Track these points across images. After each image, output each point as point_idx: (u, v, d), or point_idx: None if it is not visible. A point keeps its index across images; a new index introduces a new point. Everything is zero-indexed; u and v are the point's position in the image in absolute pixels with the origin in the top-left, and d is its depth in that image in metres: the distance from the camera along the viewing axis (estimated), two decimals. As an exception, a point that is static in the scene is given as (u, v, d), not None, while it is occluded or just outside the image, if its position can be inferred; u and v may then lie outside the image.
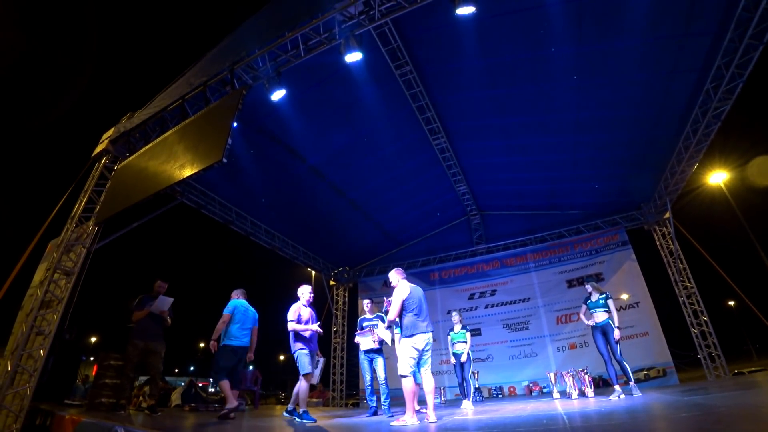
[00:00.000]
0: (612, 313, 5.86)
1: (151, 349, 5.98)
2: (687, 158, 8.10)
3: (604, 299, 5.97)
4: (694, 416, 3.27)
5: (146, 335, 5.98)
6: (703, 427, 2.70)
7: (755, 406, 3.47)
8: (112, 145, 7.30)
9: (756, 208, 26.97)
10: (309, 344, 5.18)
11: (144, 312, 6.07)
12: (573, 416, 3.78)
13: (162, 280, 6.46)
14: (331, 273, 13.42)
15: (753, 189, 19.58)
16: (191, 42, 61.68)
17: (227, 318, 5.42)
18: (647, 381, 9.11)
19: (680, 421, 3.13)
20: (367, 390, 6.42)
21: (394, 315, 4.34)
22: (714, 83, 6.57)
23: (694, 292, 9.50)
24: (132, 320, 6.10)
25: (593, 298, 6.12)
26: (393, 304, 4.36)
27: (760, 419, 2.73)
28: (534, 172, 9.91)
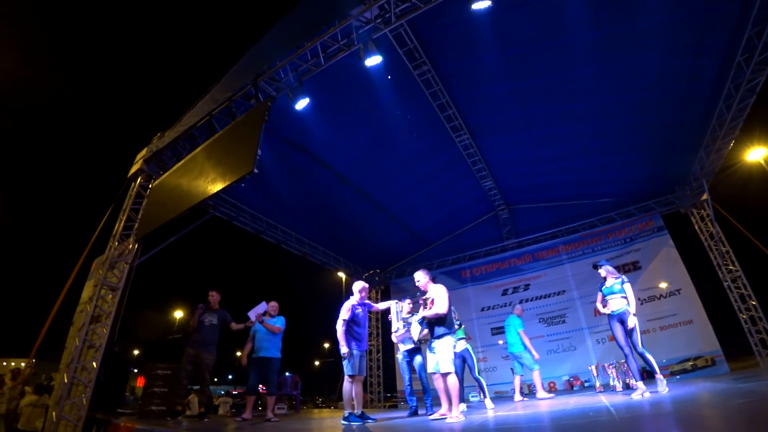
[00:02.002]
0: (629, 299, 5.10)
1: (202, 358, 6.16)
2: (722, 135, 7.75)
3: (620, 284, 5.22)
4: (749, 402, 3.14)
5: (198, 345, 6.16)
6: (759, 414, 2.58)
7: None
8: (145, 164, 7.63)
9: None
10: (360, 344, 5.06)
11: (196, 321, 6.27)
12: (620, 407, 3.69)
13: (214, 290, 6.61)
14: (363, 276, 13.52)
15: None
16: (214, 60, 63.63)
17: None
18: (695, 371, 8.76)
19: (735, 408, 2.99)
20: (406, 390, 6.43)
21: (446, 308, 4.39)
22: (745, 55, 6.29)
23: (740, 275, 9.08)
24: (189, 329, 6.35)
25: (608, 283, 5.38)
26: (442, 299, 4.42)
27: None
28: (560, 162, 9.71)
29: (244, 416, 5.82)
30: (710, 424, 2.57)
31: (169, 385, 6.59)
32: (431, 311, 4.41)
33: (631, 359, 4.96)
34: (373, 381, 12.74)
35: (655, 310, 9.59)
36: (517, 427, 3.20)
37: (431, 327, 4.49)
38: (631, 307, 4.96)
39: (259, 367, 5.78)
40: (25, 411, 7.70)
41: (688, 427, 2.51)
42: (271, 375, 5.82)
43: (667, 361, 9.03)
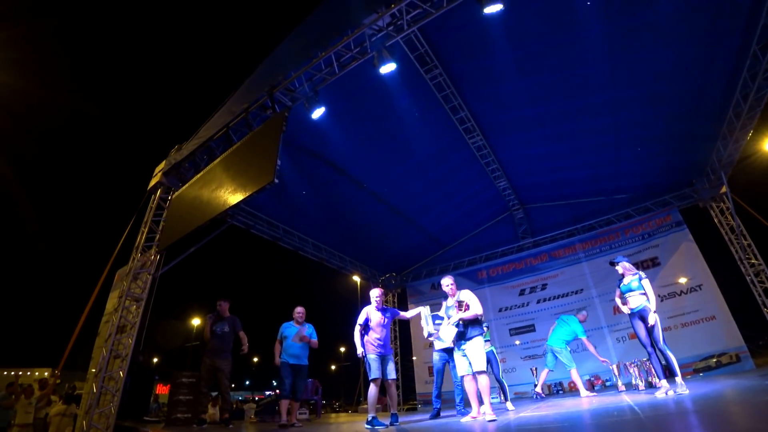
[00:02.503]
0: (649, 295, 4.91)
1: (217, 366, 6.27)
2: (740, 127, 7.63)
3: (638, 281, 5.03)
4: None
5: (212, 353, 6.30)
6: None
7: None
8: (165, 177, 7.78)
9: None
10: (377, 348, 5.05)
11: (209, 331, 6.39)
12: (644, 406, 3.67)
13: (222, 299, 6.76)
14: (379, 280, 13.58)
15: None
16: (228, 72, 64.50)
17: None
18: (719, 368, 8.61)
19: (761, 405, 2.97)
20: (435, 392, 6.45)
21: (481, 310, 4.63)
22: (761, 43, 6.16)
23: (763, 269, 8.91)
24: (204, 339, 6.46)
25: (625, 280, 5.19)
26: (476, 301, 4.66)
27: None
28: (575, 158, 9.65)
29: (281, 422, 5.78)
30: (737, 421, 2.55)
31: (194, 393, 6.71)
32: (469, 313, 4.52)
33: (654, 357, 4.87)
34: (392, 384, 12.75)
35: (676, 307, 9.47)
36: (544, 427, 3.22)
37: (465, 329, 4.53)
38: (651, 304, 4.82)
39: (293, 374, 5.84)
40: (54, 420, 7.90)
41: (716, 425, 2.49)
42: (301, 382, 5.93)
43: (691, 358, 8.92)
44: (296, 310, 6.21)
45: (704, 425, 2.48)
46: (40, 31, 29.55)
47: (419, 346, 12.89)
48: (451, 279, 5.02)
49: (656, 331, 4.73)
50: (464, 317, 4.53)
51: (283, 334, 5.99)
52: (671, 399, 4.07)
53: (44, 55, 31.95)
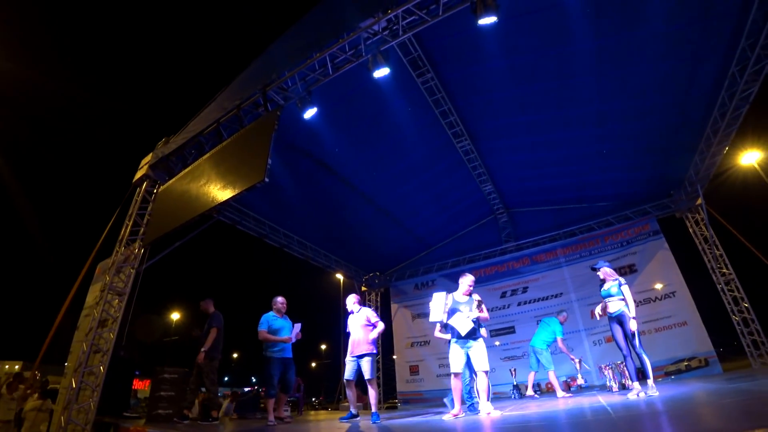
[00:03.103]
0: (628, 301, 5.01)
1: (197, 362, 6.27)
2: (716, 143, 8.00)
3: (617, 286, 5.12)
4: (740, 401, 3.28)
5: (197, 351, 6.29)
6: (751, 411, 2.73)
7: None
8: (151, 170, 7.69)
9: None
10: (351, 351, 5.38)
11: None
12: (616, 407, 3.84)
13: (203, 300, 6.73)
14: (363, 279, 13.65)
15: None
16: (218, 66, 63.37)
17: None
18: (689, 371, 8.97)
19: (726, 406, 3.13)
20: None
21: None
22: (739, 66, 6.51)
23: (733, 278, 9.30)
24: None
25: (606, 285, 5.26)
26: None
27: None
28: (560, 166, 9.90)
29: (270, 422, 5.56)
30: (704, 421, 2.71)
31: (176, 389, 6.67)
32: (484, 314, 4.85)
33: (629, 360, 4.99)
34: (373, 383, 12.84)
35: (651, 312, 9.81)
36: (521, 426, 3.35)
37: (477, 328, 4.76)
38: (631, 310, 4.92)
39: (282, 368, 5.62)
40: (29, 415, 7.72)
41: (684, 425, 2.64)
42: (291, 375, 5.74)
43: (663, 361, 9.26)
44: (278, 300, 5.94)
45: (673, 425, 2.63)
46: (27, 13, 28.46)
47: (401, 346, 13.02)
48: (473, 278, 5.15)
49: (635, 335, 4.86)
50: (482, 317, 4.79)
51: (272, 328, 5.68)
52: (642, 400, 4.24)
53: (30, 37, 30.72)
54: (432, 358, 12.27)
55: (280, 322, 5.79)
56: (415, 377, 12.42)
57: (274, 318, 5.81)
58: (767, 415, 2.40)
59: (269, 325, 5.71)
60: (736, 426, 2.31)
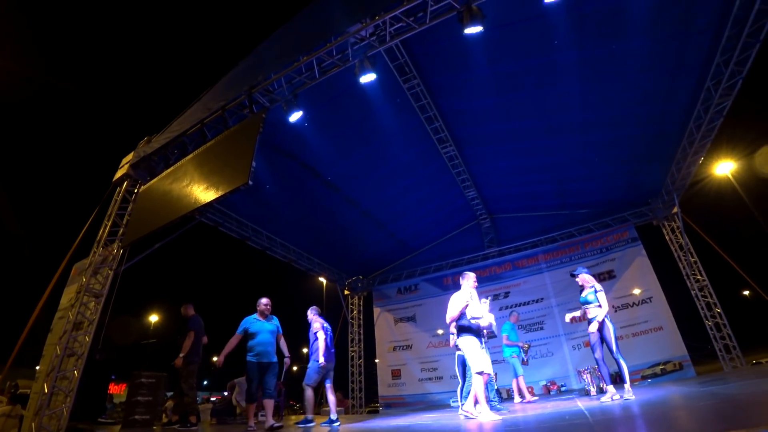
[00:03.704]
0: (602, 305, 5.06)
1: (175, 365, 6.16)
2: (692, 153, 8.29)
3: (593, 293, 5.18)
4: (712, 404, 3.39)
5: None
6: (722, 414, 2.83)
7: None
8: (132, 169, 7.55)
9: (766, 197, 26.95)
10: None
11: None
12: (593, 411, 3.93)
13: (186, 302, 6.61)
14: (346, 282, 13.61)
15: (763, 178, 19.60)
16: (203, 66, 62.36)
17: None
18: (664, 375, 9.21)
19: (699, 410, 3.24)
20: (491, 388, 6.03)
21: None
22: (714, 80, 6.77)
23: (707, 284, 9.60)
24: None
25: (583, 293, 5.32)
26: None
27: None
28: (543, 173, 10.08)
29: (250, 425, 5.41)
30: (679, 424, 2.81)
31: (154, 394, 6.55)
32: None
33: (602, 364, 5.05)
34: (354, 387, 12.80)
35: (629, 317, 10.04)
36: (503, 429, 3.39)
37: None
38: (600, 313, 5.00)
39: (261, 373, 5.35)
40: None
41: (660, 428, 2.73)
42: (271, 378, 5.41)
43: (639, 365, 9.49)
44: (261, 302, 5.65)
45: (649, 428, 2.72)
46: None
47: (383, 350, 13.01)
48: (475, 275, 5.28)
49: (609, 340, 4.93)
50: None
51: (249, 331, 5.42)
52: (619, 404, 4.34)
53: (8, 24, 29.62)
54: (414, 363, 12.29)
55: (259, 324, 5.50)
56: (397, 381, 12.42)
57: (254, 321, 5.54)
58: (738, 418, 2.49)
59: (245, 328, 5.47)
60: (709, 428, 2.39)
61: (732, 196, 13.07)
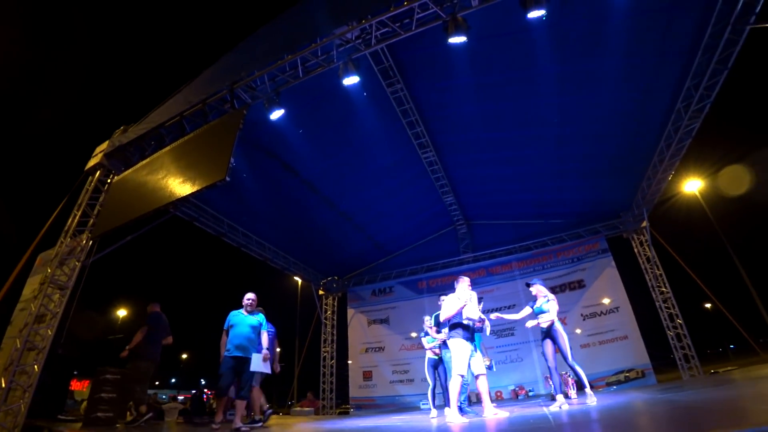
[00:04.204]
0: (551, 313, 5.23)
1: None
2: (662, 171, 8.64)
3: (546, 302, 5.33)
4: (667, 410, 3.60)
5: None
6: (675, 420, 3.01)
7: (724, 400, 3.81)
8: (106, 158, 7.35)
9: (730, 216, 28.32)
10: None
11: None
12: (557, 415, 4.07)
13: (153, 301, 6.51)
14: (321, 282, 13.55)
15: (726, 197, 20.58)
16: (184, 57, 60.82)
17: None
18: (627, 382, 9.54)
19: (655, 415, 3.45)
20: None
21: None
22: (685, 103, 7.10)
23: (670, 296, 10.00)
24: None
25: (538, 302, 5.47)
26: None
27: (728, 410, 3.05)
28: (519, 183, 10.30)
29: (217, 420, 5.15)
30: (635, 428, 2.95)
31: (119, 391, 6.34)
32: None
33: (554, 373, 5.20)
34: (325, 388, 12.76)
35: (597, 326, 10.35)
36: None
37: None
38: (544, 317, 5.21)
39: (237, 368, 5.10)
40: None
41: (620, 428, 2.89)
42: (247, 377, 5.20)
43: (604, 372, 9.83)
44: (246, 297, 5.45)
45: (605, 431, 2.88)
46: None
47: (355, 351, 13.00)
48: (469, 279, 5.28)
49: (563, 348, 5.09)
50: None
51: (230, 323, 5.24)
52: (579, 409, 4.55)
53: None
54: (386, 364, 12.33)
55: (240, 318, 5.32)
56: (368, 383, 12.43)
57: (236, 314, 5.36)
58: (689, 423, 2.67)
59: (228, 321, 5.29)
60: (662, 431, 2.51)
61: (698, 214, 13.62)
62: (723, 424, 2.01)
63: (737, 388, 5.03)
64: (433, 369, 6.39)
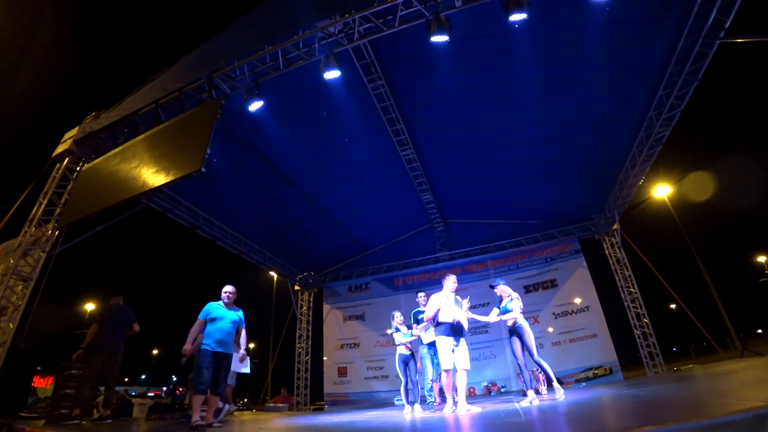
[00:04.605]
0: (512, 312, 5.34)
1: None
2: (633, 176, 8.95)
3: (510, 301, 5.44)
4: (631, 404, 3.79)
5: None
6: (638, 413, 3.17)
7: (685, 394, 4.02)
8: (76, 145, 7.12)
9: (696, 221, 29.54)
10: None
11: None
12: (527, 410, 4.18)
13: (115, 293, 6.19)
14: (296, 278, 13.45)
15: (693, 203, 21.46)
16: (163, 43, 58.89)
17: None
18: (596, 378, 9.86)
19: (619, 409, 3.64)
20: (427, 386, 5.95)
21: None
22: (656, 111, 7.37)
23: (638, 296, 10.37)
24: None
25: (503, 302, 5.57)
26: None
27: (687, 404, 3.23)
28: (496, 184, 10.44)
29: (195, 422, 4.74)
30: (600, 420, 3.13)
31: (84, 387, 6.13)
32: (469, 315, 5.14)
33: (524, 370, 5.31)
34: (300, 384, 12.69)
35: (568, 324, 10.63)
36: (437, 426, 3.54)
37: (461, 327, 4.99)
38: (508, 316, 5.33)
39: (216, 364, 4.83)
40: None
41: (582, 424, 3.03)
42: (225, 373, 4.94)
43: (574, 369, 10.14)
44: (225, 289, 5.17)
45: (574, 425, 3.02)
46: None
47: (330, 347, 12.97)
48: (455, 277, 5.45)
49: (529, 345, 5.22)
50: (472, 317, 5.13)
51: (210, 317, 4.95)
52: (548, 404, 4.70)
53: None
54: (361, 361, 12.34)
55: (222, 311, 5.04)
56: (343, 379, 12.42)
57: (217, 307, 5.04)
58: (650, 416, 2.80)
59: (208, 313, 4.99)
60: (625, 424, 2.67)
61: (667, 218, 14.17)
62: (682, 417, 2.12)
63: (697, 383, 5.29)
64: (404, 365, 6.39)
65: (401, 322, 6.46)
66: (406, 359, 6.31)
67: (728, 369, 7.57)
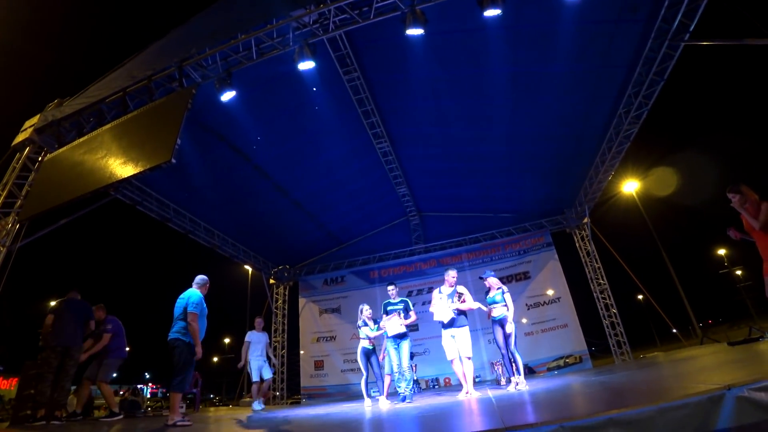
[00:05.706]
0: (509, 306, 5.54)
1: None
2: (603, 171, 9.25)
3: (500, 294, 5.63)
4: (598, 390, 3.99)
5: None
6: (603, 398, 3.36)
7: (648, 379, 4.27)
8: (37, 134, 6.84)
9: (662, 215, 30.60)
10: None
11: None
12: (500, 398, 4.30)
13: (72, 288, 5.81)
14: (271, 271, 13.31)
15: (658, 198, 22.26)
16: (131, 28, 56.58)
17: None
18: (566, 367, 10.21)
19: (587, 395, 3.84)
20: (394, 376, 5.81)
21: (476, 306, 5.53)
22: (625, 109, 7.63)
23: (606, 288, 10.75)
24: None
25: (491, 293, 5.77)
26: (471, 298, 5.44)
27: (651, 388, 3.42)
28: (470, 177, 10.59)
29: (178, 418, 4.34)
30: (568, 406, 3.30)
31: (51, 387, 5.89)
32: (465, 305, 5.29)
33: (506, 359, 5.70)
34: (276, 378, 12.59)
35: (540, 315, 10.95)
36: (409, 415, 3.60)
37: (458, 317, 5.20)
38: (510, 314, 5.53)
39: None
40: None
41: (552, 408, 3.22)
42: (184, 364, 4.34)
43: (546, 358, 10.50)
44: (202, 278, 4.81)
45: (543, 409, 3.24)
46: None
47: (306, 341, 12.92)
48: (456, 271, 5.60)
49: (511, 337, 5.52)
50: (461, 307, 5.23)
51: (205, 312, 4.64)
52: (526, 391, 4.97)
53: None
54: (337, 354, 12.35)
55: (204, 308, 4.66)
56: (320, 372, 12.41)
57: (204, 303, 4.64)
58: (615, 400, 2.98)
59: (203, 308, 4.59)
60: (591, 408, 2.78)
61: (634, 213, 14.67)
62: (644, 400, 2.24)
63: (659, 369, 5.61)
64: (365, 358, 6.42)
65: (369, 316, 6.47)
66: (367, 352, 6.35)
67: (688, 355, 7.99)
